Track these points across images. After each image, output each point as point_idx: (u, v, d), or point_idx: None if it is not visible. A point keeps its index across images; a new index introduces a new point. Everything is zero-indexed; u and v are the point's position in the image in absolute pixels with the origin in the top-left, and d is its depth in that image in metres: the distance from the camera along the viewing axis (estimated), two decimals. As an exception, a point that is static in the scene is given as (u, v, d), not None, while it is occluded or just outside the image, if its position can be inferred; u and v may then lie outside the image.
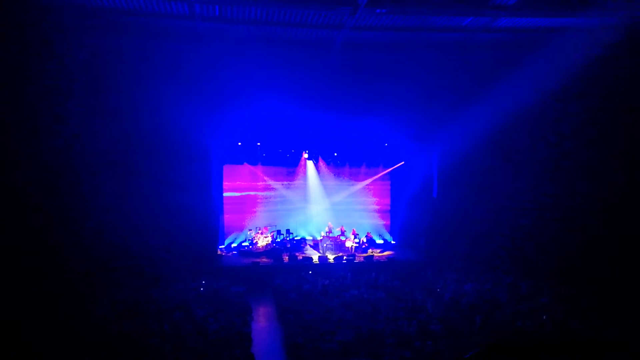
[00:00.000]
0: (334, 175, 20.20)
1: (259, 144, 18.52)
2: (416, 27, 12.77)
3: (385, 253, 18.36)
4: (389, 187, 20.70)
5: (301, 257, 17.11)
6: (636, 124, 12.90)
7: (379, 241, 19.87)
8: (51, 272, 11.65)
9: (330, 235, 18.41)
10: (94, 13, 11.49)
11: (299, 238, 19.36)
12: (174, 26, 12.48)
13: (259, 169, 19.37)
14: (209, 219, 16.45)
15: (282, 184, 19.89)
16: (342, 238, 18.40)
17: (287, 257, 16.88)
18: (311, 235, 19.94)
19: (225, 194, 18.56)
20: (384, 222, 20.44)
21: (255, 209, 19.40)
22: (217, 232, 17.36)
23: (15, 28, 10.95)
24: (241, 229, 18.99)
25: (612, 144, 13.40)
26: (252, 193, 19.52)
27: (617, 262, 12.78)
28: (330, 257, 17.06)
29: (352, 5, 11.20)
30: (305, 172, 20.02)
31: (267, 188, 19.69)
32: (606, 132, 13.48)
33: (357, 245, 18.21)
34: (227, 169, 18.60)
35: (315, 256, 17.26)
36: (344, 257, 16.78)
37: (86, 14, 11.54)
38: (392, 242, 20.04)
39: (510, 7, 11.66)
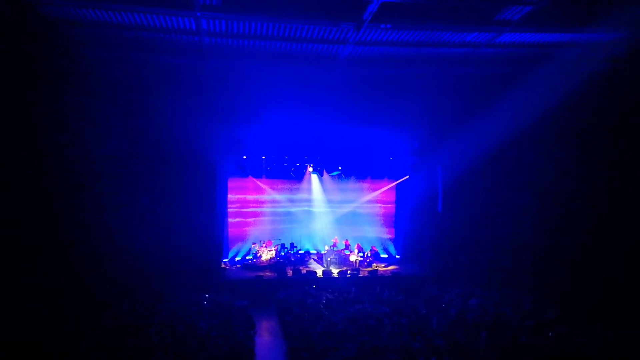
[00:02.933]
0: (339, 188, 20.20)
1: (263, 157, 18.57)
2: (420, 42, 12.84)
3: (390, 267, 18.28)
4: (393, 201, 20.65)
5: (305, 271, 17.05)
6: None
7: (384, 255, 19.79)
8: (54, 284, 11.67)
9: (335, 249, 18.36)
10: (99, 27, 11.63)
11: (302, 251, 19.32)
12: (180, 41, 12.61)
13: (263, 182, 19.41)
14: (213, 232, 16.44)
15: (287, 197, 19.90)
16: (347, 252, 18.34)
17: (290, 271, 16.83)
18: (315, 249, 19.91)
19: (229, 207, 18.58)
20: (389, 236, 20.38)
21: (259, 223, 19.40)
22: (221, 246, 17.34)
23: (20, 42, 11.11)
24: (245, 242, 18.98)
25: (616, 160, 13.38)
26: (257, 206, 19.52)
27: (624, 278, 12.70)
28: (335, 271, 17.00)
29: (357, 21, 11.29)
30: (309, 186, 20.04)
31: (272, 201, 19.70)
32: (611, 148, 13.47)
33: (362, 259, 18.15)
34: (232, 182, 18.63)
35: (319, 270, 17.20)
36: (348, 271, 16.72)
37: (92, 29, 11.68)
38: (397, 256, 19.95)
39: (515, 23, 11.72)
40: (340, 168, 19.91)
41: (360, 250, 18.52)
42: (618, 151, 13.27)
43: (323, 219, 20.15)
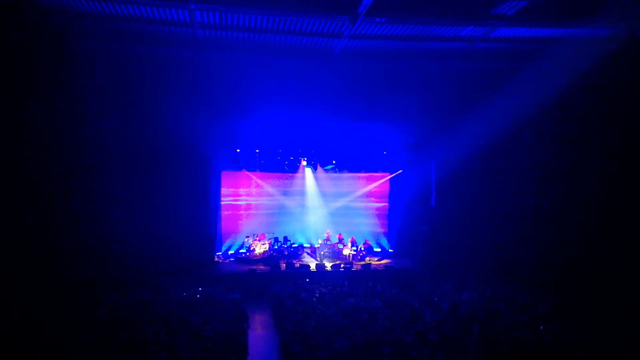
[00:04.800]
0: (332, 182, 20.18)
1: (257, 150, 18.52)
2: (415, 36, 12.84)
3: (383, 261, 18.32)
4: (387, 195, 20.67)
5: (298, 265, 17.05)
6: (636, 135, 12.94)
7: (377, 249, 19.82)
8: (47, 277, 11.61)
9: (328, 242, 18.37)
10: (93, 18, 11.52)
11: (296, 245, 19.30)
12: (174, 33, 12.52)
13: (257, 176, 19.36)
14: (206, 225, 16.38)
15: (280, 191, 19.87)
16: (340, 246, 18.35)
17: (284, 265, 16.83)
18: (309, 242, 19.91)
19: (222, 200, 18.52)
20: (382, 230, 20.41)
21: (252, 216, 19.37)
22: (214, 239, 17.28)
23: (14, 31, 11.01)
24: (238, 235, 18.94)
25: (612, 154, 13.43)
26: (250, 199, 19.49)
27: (617, 273, 12.78)
28: (328, 264, 17.02)
29: (352, 14, 11.26)
30: (303, 179, 20.01)
31: (265, 195, 19.66)
32: (606, 143, 13.52)
33: (355, 253, 18.16)
34: (225, 175, 18.57)
35: (312, 264, 17.21)
36: (342, 265, 16.74)
37: (86, 20, 11.57)
38: (390, 250, 20.00)
39: (510, 17, 11.73)
40: (334, 162, 19.87)
41: (353, 244, 18.53)
42: (615, 146, 13.32)
43: (317, 213, 20.13)
